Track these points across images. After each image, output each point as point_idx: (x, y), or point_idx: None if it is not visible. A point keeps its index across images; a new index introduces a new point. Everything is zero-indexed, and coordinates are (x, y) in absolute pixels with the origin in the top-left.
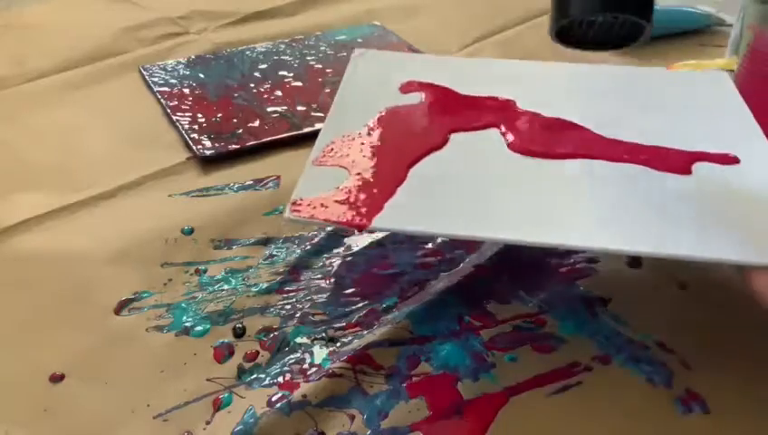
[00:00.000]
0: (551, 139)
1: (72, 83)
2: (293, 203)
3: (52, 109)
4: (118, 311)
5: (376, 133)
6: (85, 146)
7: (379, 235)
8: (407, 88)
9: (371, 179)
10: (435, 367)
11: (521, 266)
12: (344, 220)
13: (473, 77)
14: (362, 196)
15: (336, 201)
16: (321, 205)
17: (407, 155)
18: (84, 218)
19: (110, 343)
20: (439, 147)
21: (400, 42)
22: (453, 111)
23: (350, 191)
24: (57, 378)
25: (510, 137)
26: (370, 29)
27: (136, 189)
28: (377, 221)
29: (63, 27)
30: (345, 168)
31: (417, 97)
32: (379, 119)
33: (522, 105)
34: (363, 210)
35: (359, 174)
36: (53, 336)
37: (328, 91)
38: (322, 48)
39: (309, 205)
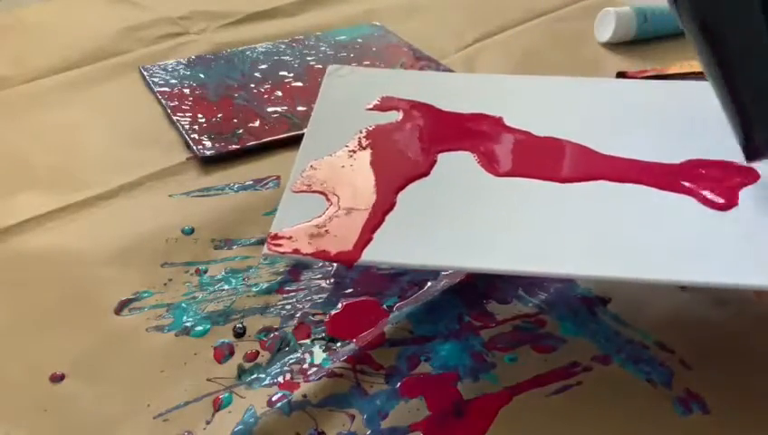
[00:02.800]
0: (545, 160)
1: (72, 83)
2: (272, 237)
3: (52, 109)
4: (118, 311)
5: (358, 155)
6: (85, 146)
7: None
8: (385, 105)
9: (357, 207)
10: (435, 367)
11: None
12: (331, 255)
13: (456, 93)
14: (348, 225)
15: (320, 233)
16: (303, 238)
17: (393, 179)
18: (84, 218)
19: (110, 343)
20: (427, 170)
21: (400, 42)
22: (438, 130)
23: (334, 220)
24: (57, 378)
25: (500, 159)
26: (370, 29)
27: (136, 189)
28: (367, 254)
29: (63, 27)
30: (327, 194)
31: (395, 115)
32: (359, 139)
33: (509, 122)
34: (351, 242)
35: (343, 201)
36: (53, 336)
37: None
38: (322, 48)
39: (290, 238)
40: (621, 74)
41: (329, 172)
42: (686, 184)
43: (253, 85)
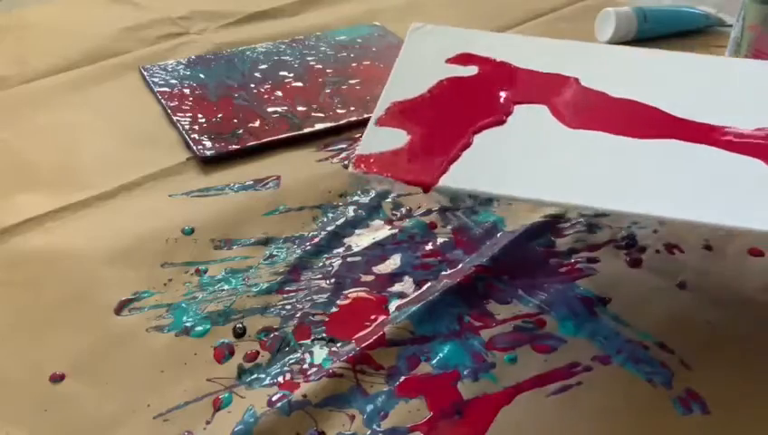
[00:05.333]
0: (618, 117)
1: (72, 83)
2: (357, 159)
3: (52, 109)
4: (118, 311)
5: (438, 99)
6: (85, 146)
7: (379, 236)
8: (465, 59)
9: (436, 142)
10: (435, 367)
11: (521, 266)
12: (410, 178)
13: (535, 55)
14: (427, 157)
15: (400, 160)
16: (385, 162)
17: (471, 122)
18: (84, 218)
19: (110, 343)
20: (504, 118)
21: (400, 42)
22: (515, 84)
23: (414, 151)
24: (57, 378)
25: (573, 113)
26: (370, 29)
27: (136, 189)
28: (444, 181)
29: (63, 27)
30: (407, 129)
31: (474, 69)
32: (439, 85)
33: (587, 84)
34: (428, 170)
35: (422, 136)
36: (53, 336)
37: (328, 91)
38: (323, 48)
39: (372, 162)
40: None
41: (410, 110)
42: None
43: (253, 85)
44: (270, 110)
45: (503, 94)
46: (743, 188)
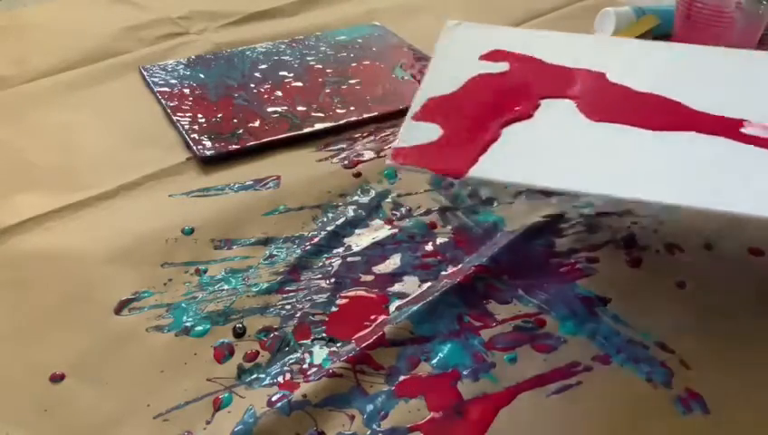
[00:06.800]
0: (641, 110)
1: (72, 83)
2: (394, 152)
3: (52, 109)
4: (118, 311)
5: (469, 95)
6: (85, 146)
7: (379, 235)
8: (496, 56)
9: (466, 135)
10: (435, 367)
11: (521, 266)
12: (442, 168)
13: (564, 50)
14: (458, 149)
15: (433, 152)
16: (420, 154)
17: (499, 116)
18: (84, 218)
19: (110, 343)
20: (531, 112)
21: (400, 42)
22: (542, 80)
23: (446, 145)
24: (57, 378)
25: (598, 106)
26: (370, 29)
27: (136, 189)
28: (473, 171)
29: (63, 27)
30: (441, 124)
31: (505, 65)
32: (470, 82)
33: (612, 79)
34: (459, 162)
35: (454, 130)
36: (53, 336)
37: (328, 91)
38: (322, 48)
39: (408, 154)
40: None
41: (444, 106)
42: None
43: (253, 85)
44: (270, 110)
45: (529, 90)
46: (762, 180)
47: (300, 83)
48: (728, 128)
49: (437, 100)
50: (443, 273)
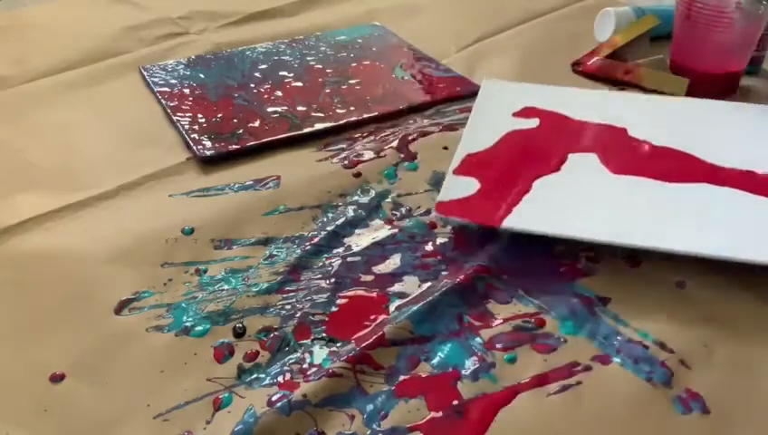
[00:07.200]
0: (658, 164)
1: (72, 83)
2: (438, 205)
3: (52, 109)
4: (118, 311)
5: (504, 150)
6: (85, 146)
7: (379, 235)
8: (528, 112)
9: (501, 188)
10: (434, 367)
11: (521, 266)
12: (480, 220)
13: (589, 107)
14: (494, 202)
15: (472, 205)
16: (461, 207)
17: (530, 171)
18: (84, 218)
19: (110, 343)
20: (559, 166)
21: (400, 42)
22: (569, 135)
23: (483, 197)
24: (57, 378)
25: (619, 160)
26: (370, 29)
27: (136, 189)
28: (507, 222)
29: (63, 27)
30: (478, 178)
31: (536, 121)
32: (504, 138)
33: (633, 134)
34: (495, 213)
35: (490, 184)
36: (53, 336)
37: (328, 91)
38: (322, 48)
39: (451, 208)
40: (576, 63)
41: (480, 161)
42: None
43: (253, 85)
44: (270, 110)
45: (557, 145)
46: None
47: (300, 83)
48: (740, 179)
49: (475, 155)
50: (443, 273)
